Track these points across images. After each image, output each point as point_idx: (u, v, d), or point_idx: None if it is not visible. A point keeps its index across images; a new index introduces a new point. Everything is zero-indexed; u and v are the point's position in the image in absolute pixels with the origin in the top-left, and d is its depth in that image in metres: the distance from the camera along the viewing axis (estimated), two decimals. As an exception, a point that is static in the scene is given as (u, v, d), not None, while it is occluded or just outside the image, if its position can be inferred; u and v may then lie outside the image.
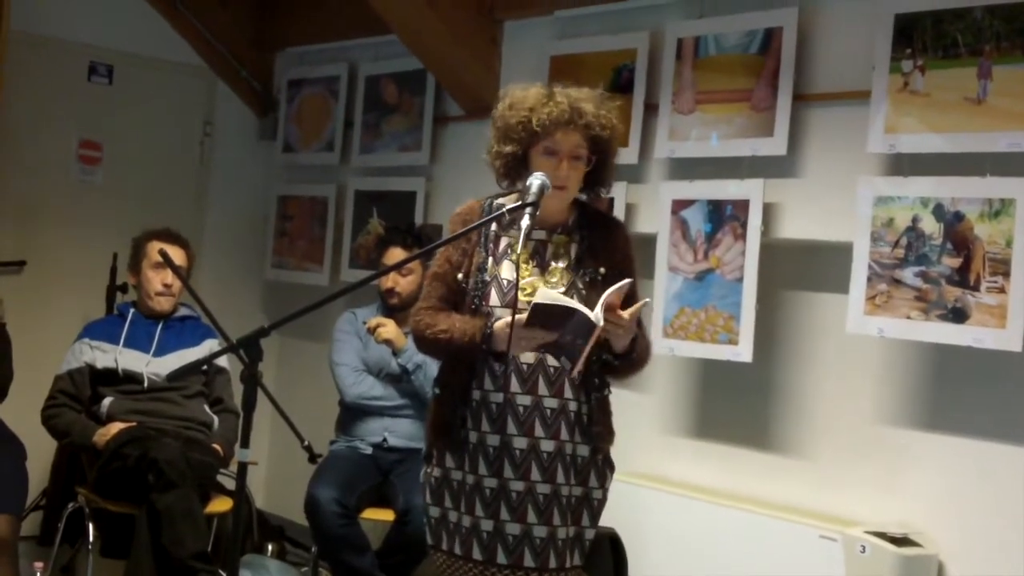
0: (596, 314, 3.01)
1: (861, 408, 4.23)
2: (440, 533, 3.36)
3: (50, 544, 5.02)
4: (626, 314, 3.08)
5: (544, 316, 3.04)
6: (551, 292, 3.09)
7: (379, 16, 5.44)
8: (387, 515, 4.82)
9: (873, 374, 4.21)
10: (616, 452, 3.39)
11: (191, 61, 6.60)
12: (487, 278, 3.26)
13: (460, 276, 3.30)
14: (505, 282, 3.24)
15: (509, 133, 3.26)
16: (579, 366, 3.11)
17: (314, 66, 6.56)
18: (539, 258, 3.30)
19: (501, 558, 3.25)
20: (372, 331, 4.91)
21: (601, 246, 3.33)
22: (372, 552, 4.72)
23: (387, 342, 4.90)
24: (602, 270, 3.27)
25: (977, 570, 3.89)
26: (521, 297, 3.17)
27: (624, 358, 3.24)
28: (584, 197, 3.40)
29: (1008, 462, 3.85)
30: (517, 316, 3.09)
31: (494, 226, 3.30)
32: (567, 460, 3.27)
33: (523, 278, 3.23)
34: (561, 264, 3.29)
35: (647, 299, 3.23)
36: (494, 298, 3.24)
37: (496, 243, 3.31)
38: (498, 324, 3.16)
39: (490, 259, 3.28)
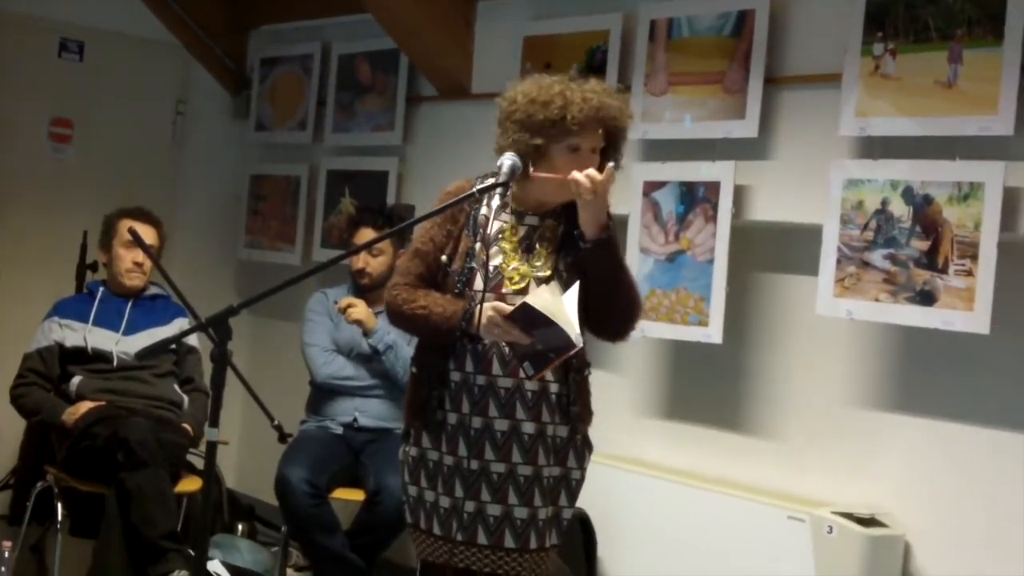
0: (577, 335, 3.00)
1: (830, 390, 4.25)
2: (419, 512, 3.37)
3: (19, 523, 5.00)
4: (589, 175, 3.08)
5: (528, 317, 3.03)
6: (545, 298, 3.05)
7: (353, -5, 5.43)
8: (357, 495, 4.82)
9: (842, 356, 4.23)
10: (589, 432, 3.40)
11: (164, 39, 6.55)
12: (473, 264, 3.25)
13: (444, 257, 3.29)
14: (492, 268, 3.24)
15: (536, 126, 3.18)
16: (539, 375, 3.13)
17: (287, 44, 6.53)
18: (527, 242, 3.30)
19: (482, 539, 3.26)
20: (343, 311, 4.91)
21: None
22: (342, 532, 4.72)
23: (357, 323, 4.90)
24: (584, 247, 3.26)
25: (944, 550, 3.92)
26: (509, 285, 3.21)
27: (597, 248, 3.17)
28: None
29: (975, 444, 3.88)
30: (503, 306, 3.09)
31: (484, 210, 3.27)
32: (548, 442, 3.27)
33: (509, 265, 3.24)
34: (545, 248, 3.28)
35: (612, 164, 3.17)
36: (479, 283, 3.23)
37: (486, 227, 3.28)
38: (480, 319, 3.12)
39: (478, 244, 3.27)
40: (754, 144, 4.40)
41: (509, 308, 3.09)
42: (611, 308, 3.28)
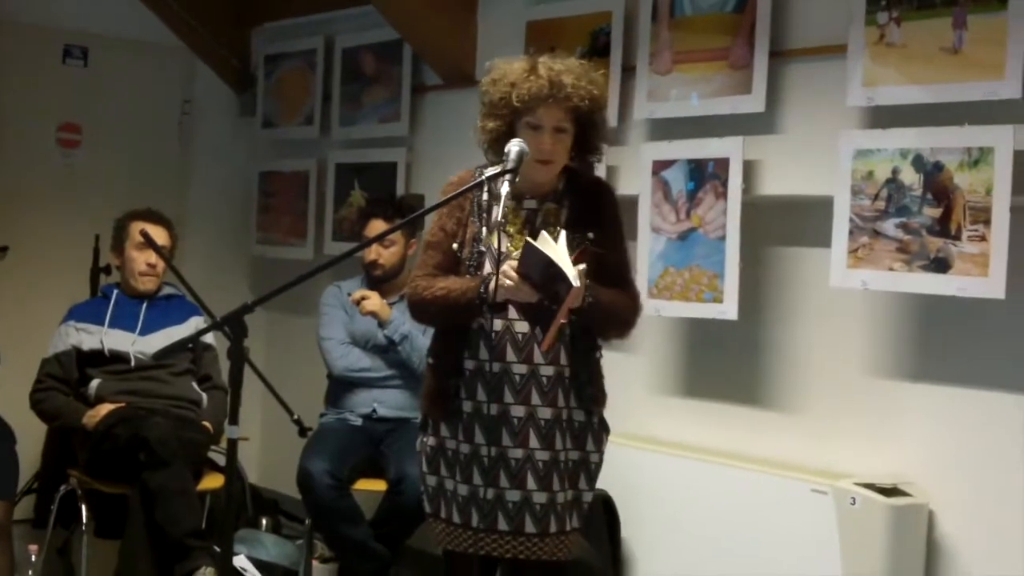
0: (573, 274, 3.01)
1: (848, 361, 4.25)
2: (438, 501, 3.39)
3: (44, 527, 5.02)
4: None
5: (532, 263, 3.05)
6: (548, 243, 3.08)
7: (354, -13, 5.42)
8: (379, 485, 4.83)
9: (858, 327, 4.22)
10: (606, 414, 3.42)
11: (167, 40, 6.55)
12: (482, 248, 3.27)
13: (455, 245, 3.31)
14: (498, 252, 3.25)
15: (493, 109, 3.28)
16: (549, 336, 3.12)
17: (291, 40, 6.54)
18: (531, 226, 3.31)
19: (502, 525, 3.28)
20: (357, 303, 4.92)
21: (589, 211, 3.35)
22: (366, 522, 4.73)
23: (371, 314, 4.91)
24: (591, 235, 3.27)
25: (967, 517, 3.91)
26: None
27: (581, 314, 3.20)
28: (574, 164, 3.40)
29: (994, 409, 3.87)
30: (514, 262, 3.12)
31: (485, 196, 3.30)
32: (563, 426, 3.29)
33: (516, 248, 3.25)
34: (552, 233, 3.27)
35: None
36: (488, 268, 3.25)
37: (489, 212, 3.31)
38: (493, 287, 3.16)
39: (483, 229, 3.28)
40: (762, 119, 4.39)
41: (515, 261, 3.11)
42: (608, 333, 3.38)
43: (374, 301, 4.91)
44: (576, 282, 3.01)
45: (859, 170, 4.03)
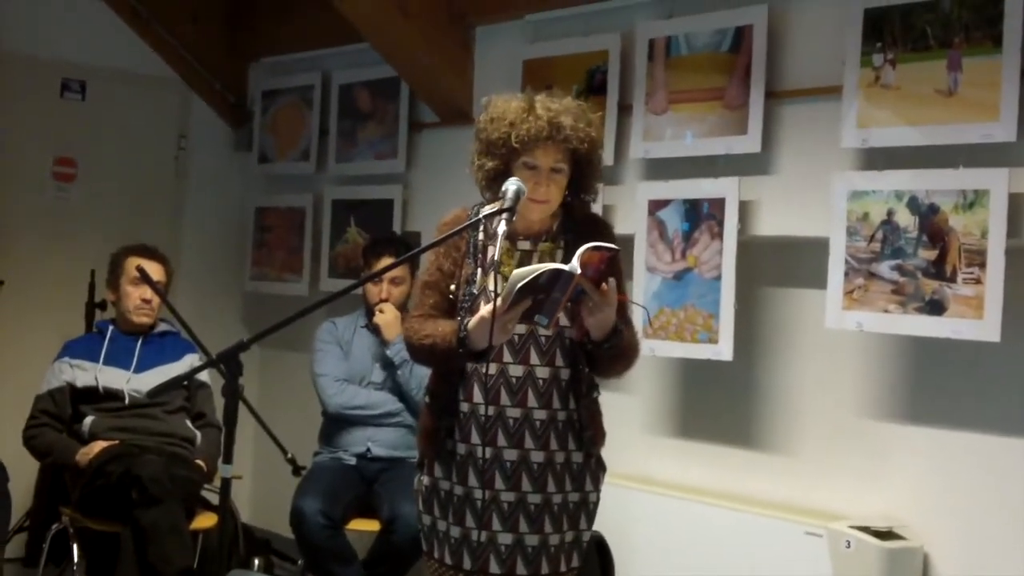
0: (572, 264, 2.97)
1: (843, 402, 4.24)
2: (432, 541, 3.38)
3: (35, 565, 5.00)
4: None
5: (527, 293, 3.02)
6: (523, 269, 3.03)
7: (351, 24, 5.43)
8: (372, 525, 4.81)
9: (853, 368, 4.21)
10: (603, 452, 3.39)
11: (164, 75, 6.58)
12: (475, 290, 3.26)
13: (453, 286, 3.30)
14: (493, 294, 3.23)
15: (491, 148, 3.25)
16: (555, 316, 3.05)
17: (287, 76, 6.55)
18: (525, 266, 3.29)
19: (494, 567, 3.26)
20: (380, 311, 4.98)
21: None
22: (359, 562, 4.71)
23: (377, 328, 4.94)
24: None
25: (962, 560, 3.89)
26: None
27: (605, 346, 3.18)
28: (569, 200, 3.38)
29: (989, 452, 3.86)
30: (498, 302, 3.05)
31: (481, 236, 3.29)
32: (558, 469, 3.27)
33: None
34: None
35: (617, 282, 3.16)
36: (484, 309, 3.22)
37: (484, 253, 3.29)
38: (472, 322, 3.14)
39: (479, 271, 3.27)
40: (757, 159, 4.40)
41: (499, 304, 3.03)
42: (613, 371, 3.33)
43: (388, 316, 4.93)
44: (577, 270, 2.96)
45: (854, 211, 4.04)
